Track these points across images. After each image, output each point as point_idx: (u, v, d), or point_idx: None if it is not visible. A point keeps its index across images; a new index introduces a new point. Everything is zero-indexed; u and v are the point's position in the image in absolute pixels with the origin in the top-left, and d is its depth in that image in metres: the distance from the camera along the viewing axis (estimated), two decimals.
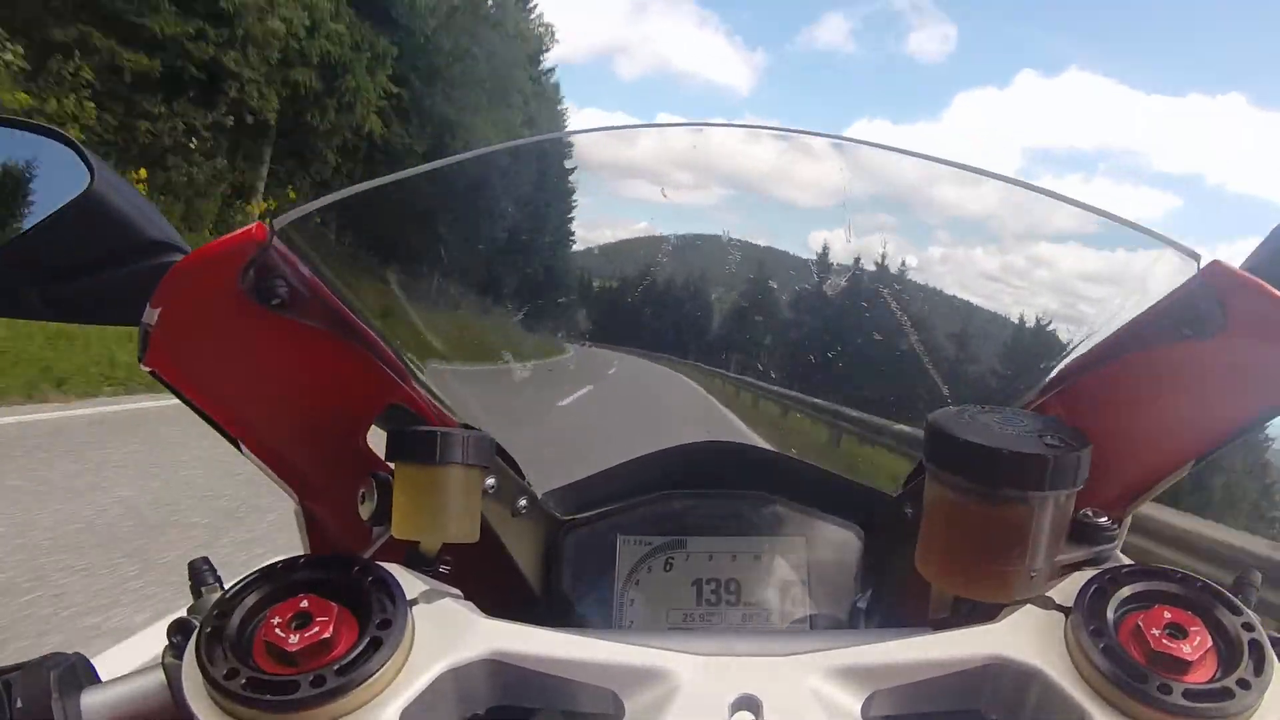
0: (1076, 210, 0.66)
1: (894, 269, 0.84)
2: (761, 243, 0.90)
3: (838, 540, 0.76)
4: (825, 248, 0.84)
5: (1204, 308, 0.53)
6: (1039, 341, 0.82)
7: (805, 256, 0.88)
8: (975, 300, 0.93)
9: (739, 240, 0.88)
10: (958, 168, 0.69)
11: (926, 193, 0.83)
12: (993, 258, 0.89)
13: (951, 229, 0.89)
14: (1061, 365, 0.66)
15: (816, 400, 0.96)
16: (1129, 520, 0.62)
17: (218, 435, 0.60)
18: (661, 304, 0.93)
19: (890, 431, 0.89)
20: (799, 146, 0.77)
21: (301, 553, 0.64)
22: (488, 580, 0.65)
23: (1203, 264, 0.54)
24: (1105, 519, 0.53)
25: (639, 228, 0.89)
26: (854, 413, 0.93)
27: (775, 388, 0.96)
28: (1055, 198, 0.67)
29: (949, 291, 0.92)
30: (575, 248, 1.00)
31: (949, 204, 0.83)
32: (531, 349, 0.91)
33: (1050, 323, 0.83)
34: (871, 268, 0.84)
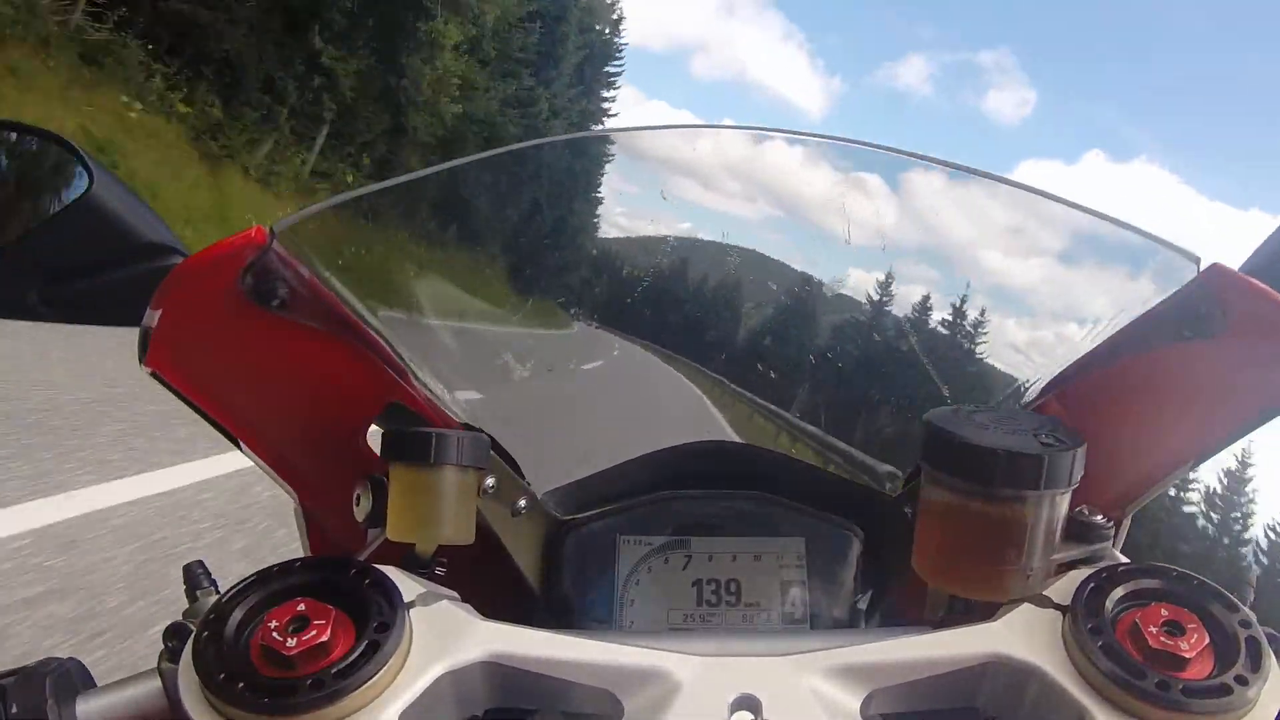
0: (1077, 212, 0.66)
1: (907, 287, 0.85)
2: (771, 254, 0.91)
3: (838, 540, 0.76)
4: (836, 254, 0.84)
5: (1204, 309, 0.53)
6: (1040, 342, 0.82)
7: (811, 266, 0.88)
8: (979, 300, 0.93)
9: (737, 246, 0.88)
10: (951, 166, 0.69)
11: (973, 253, 0.84)
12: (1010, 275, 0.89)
13: (991, 292, 0.90)
14: (1062, 366, 0.66)
15: (806, 425, 0.97)
16: (1129, 521, 0.62)
17: None
18: (669, 300, 0.93)
19: (866, 466, 0.89)
20: (854, 181, 0.77)
21: (301, 553, 0.65)
22: (487, 581, 0.65)
23: (1203, 266, 0.54)
24: (1100, 517, 0.53)
25: (670, 225, 0.89)
26: (840, 444, 0.93)
27: (771, 405, 0.97)
28: (1054, 199, 0.67)
29: (957, 296, 0.92)
30: (602, 232, 1.00)
31: (996, 268, 0.84)
32: (535, 318, 0.91)
33: (1051, 323, 0.83)
34: (880, 277, 0.84)
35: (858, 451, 0.89)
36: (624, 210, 0.95)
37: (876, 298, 0.86)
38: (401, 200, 0.75)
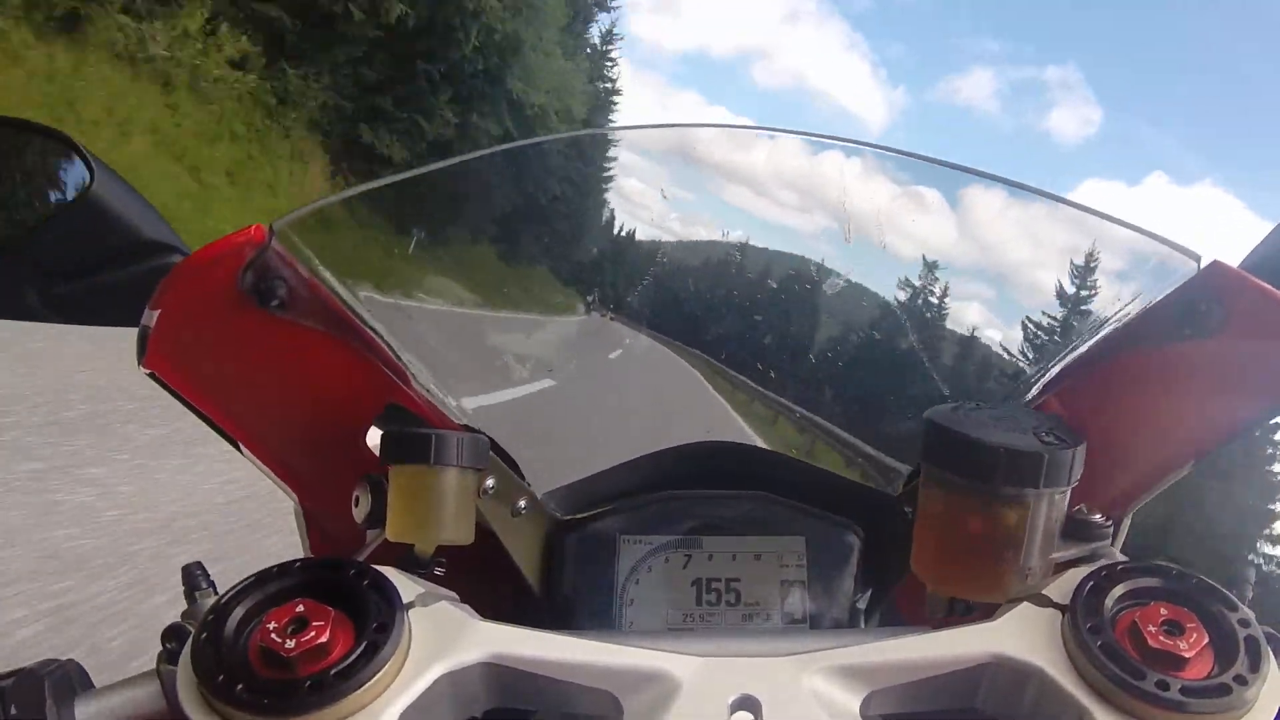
0: (1079, 211, 0.66)
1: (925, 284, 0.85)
2: (775, 251, 0.91)
3: (838, 540, 0.76)
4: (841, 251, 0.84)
5: (1204, 307, 0.53)
6: (1040, 340, 0.82)
7: (813, 265, 0.89)
8: (980, 298, 0.93)
9: (741, 243, 0.88)
10: (952, 168, 0.69)
11: (974, 252, 0.84)
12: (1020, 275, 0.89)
13: (992, 291, 0.90)
14: (1062, 364, 0.66)
15: (819, 418, 0.97)
16: (1129, 520, 0.62)
17: None
18: (675, 294, 0.94)
19: (867, 464, 0.89)
20: (912, 194, 0.77)
21: (301, 553, 0.65)
22: (487, 581, 0.65)
23: (1203, 264, 0.54)
24: (1099, 516, 0.53)
25: (677, 221, 0.90)
26: (844, 434, 0.93)
27: (779, 397, 0.97)
28: (1055, 199, 0.67)
29: (957, 294, 0.92)
30: (609, 227, 1.00)
31: (996, 266, 0.84)
32: (537, 314, 0.91)
33: (1051, 321, 0.83)
34: (881, 275, 0.85)
35: (861, 444, 0.90)
36: (632, 206, 0.95)
37: (877, 295, 0.86)
38: (401, 198, 0.75)
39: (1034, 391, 0.68)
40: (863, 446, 0.88)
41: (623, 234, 0.98)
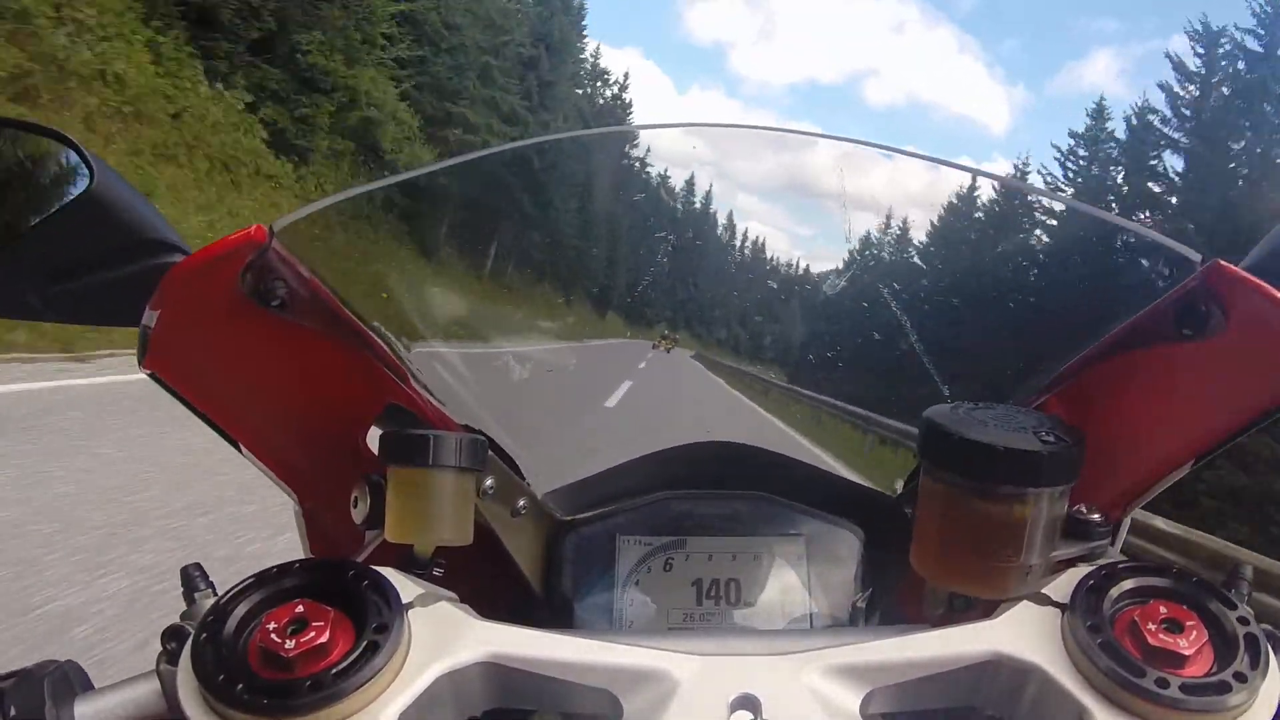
0: (1078, 210, 0.65)
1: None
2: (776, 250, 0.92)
3: (838, 540, 0.76)
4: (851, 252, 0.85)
5: (1204, 307, 0.53)
6: (1040, 340, 0.82)
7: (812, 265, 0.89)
8: (980, 298, 0.93)
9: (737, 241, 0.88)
10: (957, 168, 0.69)
11: (972, 251, 0.84)
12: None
13: (992, 290, 0.90)
14: (1062, 364, 0.66)
15: (850, 407, 0.98)
16: (1128, 520, 0.62)
17: None
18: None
19: (891, 427, 0.90)
20: (855, 177, 0.77)
21: (301, 554, 0.65)
22: (487, 581, 0.65)
23: (1203, 264, 0.54)
24: (1099, 515, 0.53)
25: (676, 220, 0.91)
26: (872, 415, 0.95)
27: (798, 388, 0.98)
28: (1057, 199, 0.67)
29: (957, 293, 0.92)
30: (609, 225, 1.02)
31: (996, 265, 0.84)
32: (535, 315, 0.92)
33: (1051, 321, 0.83)
34: (878, 275, 0.85)
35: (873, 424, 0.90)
36: (633, 204, 0.96)
37: (876, 296, 0.86)
38: (403, 199, 0.75)
39: (1035, 391, 0.68)
40: (878, 422, 0.89)
41: (614, 235, 0.99)
